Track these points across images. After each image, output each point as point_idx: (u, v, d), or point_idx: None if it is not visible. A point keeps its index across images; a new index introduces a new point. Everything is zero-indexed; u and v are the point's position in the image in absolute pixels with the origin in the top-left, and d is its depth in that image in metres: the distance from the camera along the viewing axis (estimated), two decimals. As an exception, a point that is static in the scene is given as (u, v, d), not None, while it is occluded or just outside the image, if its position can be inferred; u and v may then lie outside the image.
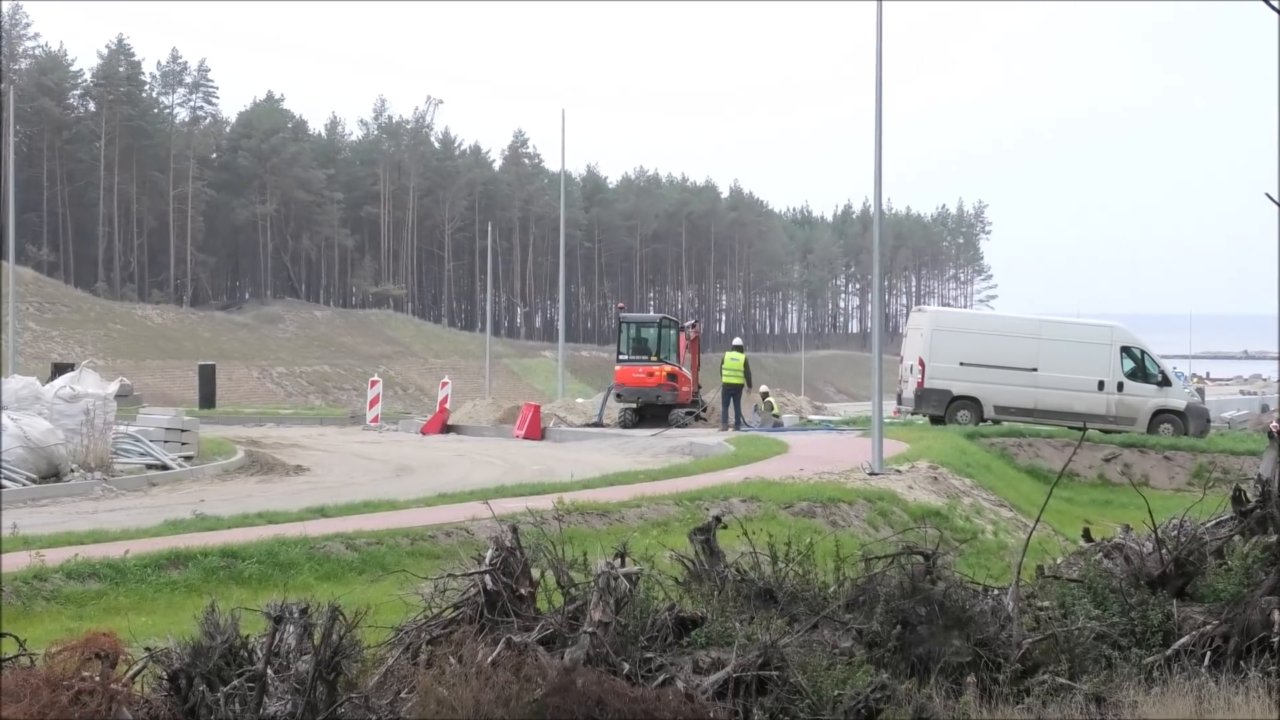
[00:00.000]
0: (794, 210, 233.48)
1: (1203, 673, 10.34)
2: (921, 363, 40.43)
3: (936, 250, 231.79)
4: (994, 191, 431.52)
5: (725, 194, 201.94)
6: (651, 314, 76.34)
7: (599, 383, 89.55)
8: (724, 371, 41.93)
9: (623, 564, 10.03)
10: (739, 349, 42.83)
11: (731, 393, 41.93)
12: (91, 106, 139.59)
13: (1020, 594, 11.03)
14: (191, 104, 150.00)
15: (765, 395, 47.16)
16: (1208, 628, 10.90)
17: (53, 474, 26.32)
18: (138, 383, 74.55)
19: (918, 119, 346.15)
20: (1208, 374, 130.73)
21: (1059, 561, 12.77)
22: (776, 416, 45.82)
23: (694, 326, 47.99)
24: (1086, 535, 13.16)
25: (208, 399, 56.98)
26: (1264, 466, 12.47)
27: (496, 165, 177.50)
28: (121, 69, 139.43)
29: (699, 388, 45.73)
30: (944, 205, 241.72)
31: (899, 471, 27.89)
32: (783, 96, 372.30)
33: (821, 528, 20.73)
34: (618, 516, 20.21)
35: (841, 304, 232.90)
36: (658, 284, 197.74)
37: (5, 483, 24.71)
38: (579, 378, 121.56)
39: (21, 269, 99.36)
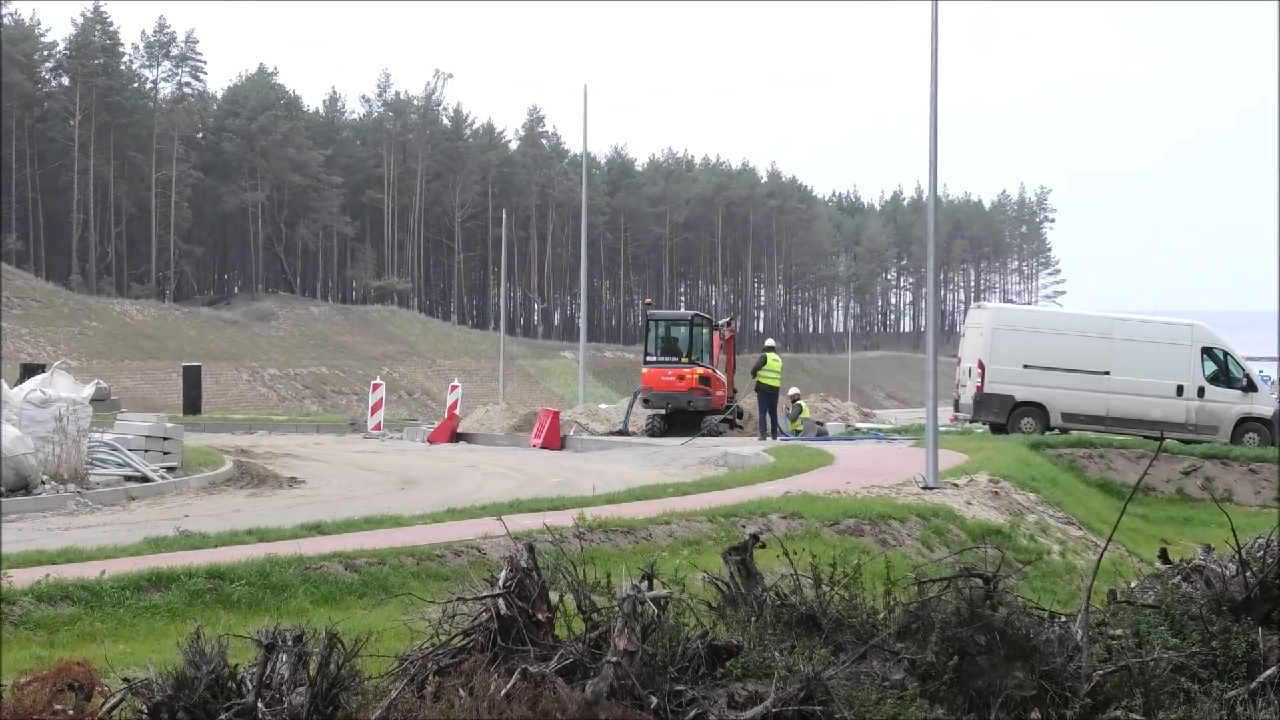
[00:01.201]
0: (840, 196, 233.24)
1: (1291, 708, 10.31)
2: (981, 365, 40.33)
3: (997, 240, 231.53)
4: (1059, 179, 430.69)
5: (764, 178, 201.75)
6: (682, 311, 76.56)
7: (624, 386, 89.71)
8: (761, 374, 41.83)
9: (650, 587, 10.03)
10: (774, 349, 42.87)
11: (769, 398, 41.92)
12: (65, 81, 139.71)
13: (1090, 621, 10.99)
14: (178, 79, 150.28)
15: (796, 399, 47.12)
16: (1297, 658, 10.87)
17: (21, 486, 26.33)
18: (115, 386, 74.88)
19: (975, 104, 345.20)
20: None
21: (1133, 585, 12.73)
22: (820, 424, 45.79)
23: (729, 325, 47.94)
24: (1163, 556, 13.12)
25: (193, 404, 57.20)
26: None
27: (512, 146, 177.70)
28: (97, 39, 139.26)
29: (734, 392, 45.72)
30: (1004, 191, 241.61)
31: (956, 485, 27.84)
32: (827, 74, 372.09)
33: (870, 547, 20.71)
34: (645, 534, 20.19)
35: (892, 300, 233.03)
36: (689, 278, 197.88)
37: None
38: (602, 381, 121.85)
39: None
